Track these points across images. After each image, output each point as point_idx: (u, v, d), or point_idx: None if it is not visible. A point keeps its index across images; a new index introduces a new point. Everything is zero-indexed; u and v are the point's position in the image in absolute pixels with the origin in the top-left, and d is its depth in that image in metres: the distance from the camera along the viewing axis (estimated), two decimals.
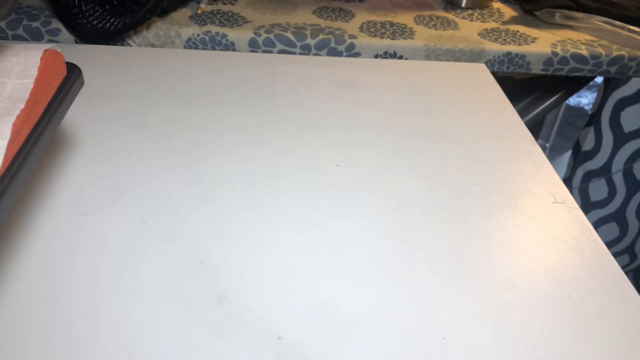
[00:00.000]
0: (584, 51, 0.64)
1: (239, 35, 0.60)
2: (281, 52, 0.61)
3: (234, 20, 0.63)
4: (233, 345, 0.27)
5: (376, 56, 0.62)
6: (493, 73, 0.58)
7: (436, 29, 0.66)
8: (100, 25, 0.56)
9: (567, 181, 1.17)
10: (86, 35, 0.57)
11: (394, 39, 0.62)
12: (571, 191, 1.09)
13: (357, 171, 0.41)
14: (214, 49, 0.61)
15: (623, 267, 1.07)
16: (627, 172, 1.05)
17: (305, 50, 0.62)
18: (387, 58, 0.62)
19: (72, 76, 0.30)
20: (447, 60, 0.63)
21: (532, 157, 0.44)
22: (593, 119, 1.10)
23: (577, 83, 0.81)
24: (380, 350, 0.28)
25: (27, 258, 0.31)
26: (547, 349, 0.28)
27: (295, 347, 0.27)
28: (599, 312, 0.31)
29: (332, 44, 0.61)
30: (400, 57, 0.63)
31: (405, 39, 0.63)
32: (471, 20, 0.70)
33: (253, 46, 0.61)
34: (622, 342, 0.29)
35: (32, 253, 0.32)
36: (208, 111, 0.47)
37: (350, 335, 0.28)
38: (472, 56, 0.63)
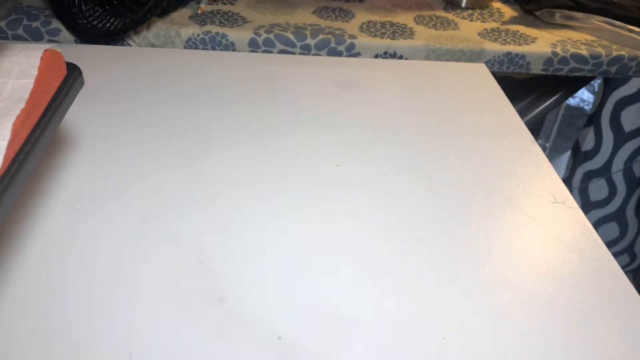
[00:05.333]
0: (584, 51, 0.64)
1: (239, 35, 0.60)
2: (281, 52, 0.61)
3: (234, 20, 0.63)
4: (233, 345, 0.27)
5: (376, 56, 0.62)
6: (493, 73, 0.58)
7: (436, 29, 0.66)
8: (100, 25, 0.56)
9: (567, 181, 1.17)
10: (86, 35, 0.57)
11: (394, 39, 0.62)
12: (571, 191, 1.09)
13: (357, 171, 0.41)
14: (214, 49, 0.61)
15: (623, 267, 1.07)
16: (628, 172, 1.05)
17: (305, 50, 0.62)
18: (387, 58, 0.62)
19: (72, 76, 0.30)
20: (447, 60, 0.63)
21: (532, 157, 0.44)
22: (592, 119, 1.10)
23: (577, 83, 0.81)
24: (380, 350, 0.28)
25: (27, 258, 0.31)
26: (547, 349, 0.28)
27: (295, 347, 0.28)
28: (599, 312, 0.31)
29: (332, 44, 0.61)
30: (400, 57, 0.63)
31: (405, 39, 0.63)
32: (471, 20, 0.70)
33: (253, 46, 0.61)
34: (622, 342, 0.29)
35: (31, 253, 0.32)
36: (208, 111, 0.47)
37: (350, 335, 0.28)
38: (472, 56, 0.63)
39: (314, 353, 0.27)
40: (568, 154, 1.23)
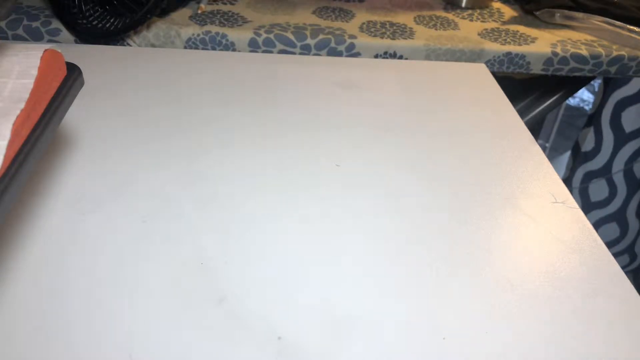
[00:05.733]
0: (584, 51, 0.64)
1: (239, 35, 0.60)
2: (281, 52, 0.61)
3: (234, 20, 0.63)
4: (233, 345, 0.27)
5: (376, 56, 0.62)
6: (493, 73, 0.58)
7: (436, 29, 0.66)
8: (100, 25, 0.56)
9: (567, 181, 1.17)
10: (86, 35, 0.57)
11: (394, 39, 0.62)
12: (571, 191, 1.09)
13: (357, 171, 0.41)
14: (214, 49, 0.61)
15: (623, 267, 1.07)
16: (628, 172, 1.05)
17: (305, 50, 0.62)
18: (387, 58, 0.62)
19: (72, 76, 0.30)
20: (447, 60, 0.63)
21: (532, 157, 0.44)
22: (592, 119, 1.10)
23: (577, 83, 0.81)
24: (380, 350, 0.28)
25: (27, 258, 0.31)
26: (547, 349, 0.28)
27: (295, 347, 0.27)
28: (599, 312, 0.31)
29: (332, 44, 0.61)
30: (400, 57, 0.63)
31: (405, 39, 0.63)
32: (471, 20, 0.70)
33: (253, 46, 0.61)
34: (622, 342, 0.29)
35: (31, 253, 0.32)
36: (208, 111, 0.47)
37: (350, 335, 0.28)
38: (472, 56, 0.63)
39: (314, 353, 0.27)
40: (568, 154, 1.23)
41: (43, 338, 0.27)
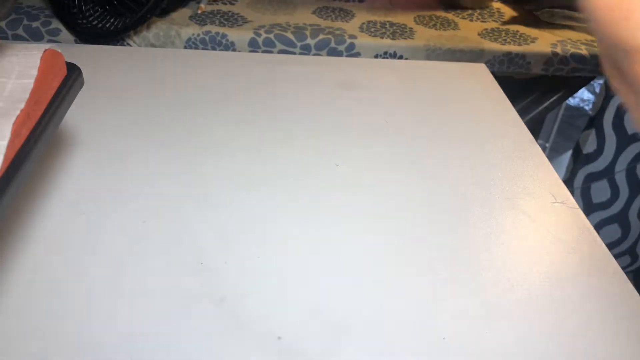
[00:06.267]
0: (584, 51, 0.64)
1: (239, 35, 0.60)
2: (281, 52, 0.61)
3: (234, 20, 0.63)
4: (233, 345, 0.27)
5: (376, 56, 0.62)
6: (493, 73, 0.58)
7: (436, 29, 0.66)
8: (100, 25, 0.56)
9: (569, 182, 1.17)
10: (86, 35, 0.57)
11: (394, 39, 0.62)
12: (573, 192, 1.08)
13: (357, 171, 0.41)
14: (214, 49, 0.61)
15: (624, 268, 1.07)
16: (630, 173, 1.05)
17: (305, 50, 0.62)
18: (387, 58, 0.62)
19: (72, 76, 0.30)
20: (447, 60, 0.63)
21: (532, 157, 0.44)
22: (594, 121, 1.09)
23: (577, 83, 0.81)
24: (380, 350, 0.28)
25: (27, 258, 0.31)
26: (547, 349, 0.28)
27: (295, 347, 0.27)
28: (599, 312, 0.31)
29: (332, 44, 0.61)
30: (400, 57, 0.63)
31: (405, 39, 0.63)
32: (471, 20, 0.70)
33: (253, 46, 0.61)
34: (622, 342, 0.29)
35: (31, 253, 0.32)
36: (208, 111, 0.47)
37: (350, 335, 0.28)
38: (472, 56, 0.63)
39: (314, 353, 0.27)
40: (568, 154, 1.23)
41: (43, 338, 0.27)
